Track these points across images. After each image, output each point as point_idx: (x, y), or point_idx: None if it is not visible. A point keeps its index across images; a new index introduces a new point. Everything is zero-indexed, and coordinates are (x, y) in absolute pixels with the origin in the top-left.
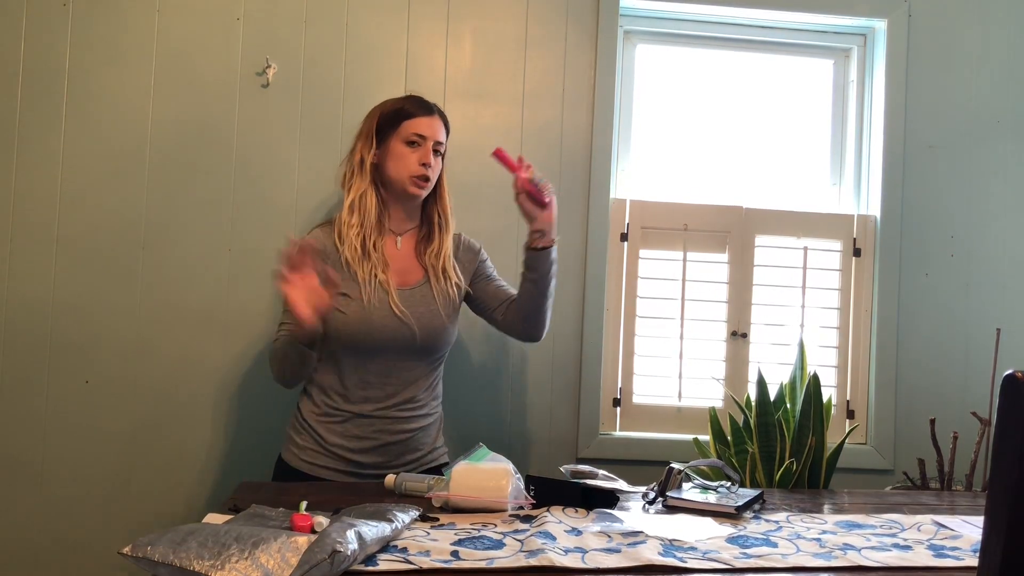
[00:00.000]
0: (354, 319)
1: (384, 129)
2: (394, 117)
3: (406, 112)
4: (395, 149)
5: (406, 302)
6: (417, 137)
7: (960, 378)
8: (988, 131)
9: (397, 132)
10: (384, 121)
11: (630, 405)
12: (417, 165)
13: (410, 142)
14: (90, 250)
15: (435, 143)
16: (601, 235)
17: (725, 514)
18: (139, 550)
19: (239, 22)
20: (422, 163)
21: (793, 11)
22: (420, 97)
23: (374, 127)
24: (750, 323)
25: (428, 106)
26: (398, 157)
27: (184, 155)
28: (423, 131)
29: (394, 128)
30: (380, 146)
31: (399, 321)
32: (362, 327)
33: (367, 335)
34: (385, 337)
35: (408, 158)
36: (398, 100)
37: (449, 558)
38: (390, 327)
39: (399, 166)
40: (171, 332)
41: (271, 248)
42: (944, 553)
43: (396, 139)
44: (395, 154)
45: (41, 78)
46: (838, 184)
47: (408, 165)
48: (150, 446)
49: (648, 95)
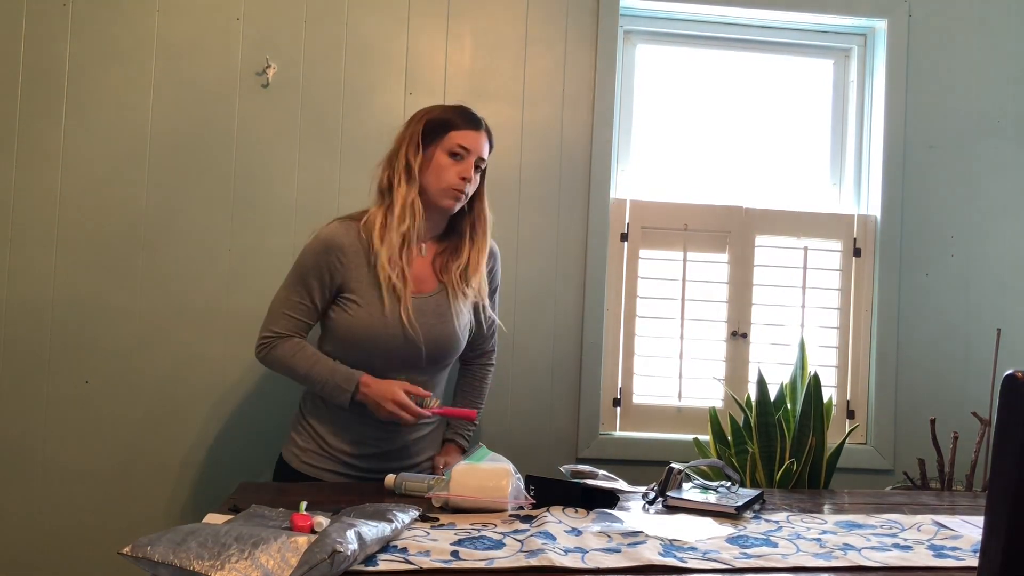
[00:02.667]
0: (362, 323)
1: (429, 136)
2: (441, 126)
3: (453, 123)
4: (437, 159)
5: (418, 310)
6: (461, 150)
7: (960, 378)
8: (988, 131)
9: (441, 142)
10: (429, 128)
11: (630, 405)
12: (457, 178)
13: (453, 154)
14: (90, 250)
15: (478, 158)
16: (601, 235)
17: (725, 514)
18: (139, 550)
19: (239, 22)
20: (462, 176)
21: (793, 11)
22: (470, 110)
23: (420, 132)
24: (750, 323)
25: (476, 120)
26: (439, 167)
27: (184, 155)
28: (468, 144)
29: (439, 137)
30: (425, 150)
31: (407, 333)
32: (368, 332)
33: (372, 341)
34: (391, 346)
35: (449, 170)
36: (447, 109)
37: (449, 558)
38: (397, 337)
39: (438, 176)
40: (171, 332)
41: (271, 248)
42: (944, 553)
43: (439, 149)
44: (436, 164)
45: (41, 78)
46: (838, 184)
47: (448, 177)
48: (150, 446)
49: (648, 95)
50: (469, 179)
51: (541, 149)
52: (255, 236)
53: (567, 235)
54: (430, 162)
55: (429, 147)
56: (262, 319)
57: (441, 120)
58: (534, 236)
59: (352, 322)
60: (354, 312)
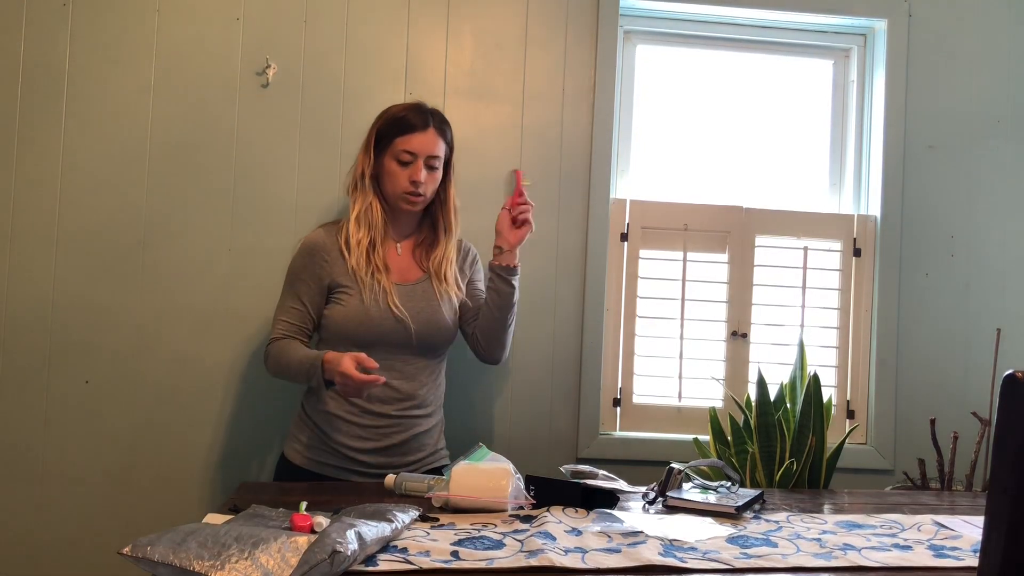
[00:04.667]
0: (352, 312)
1: (380, 143)
2: (388, 132)
3: (398, 128)
4: (388, 166)
5: (404, 297)
6: (407, 155)
7: (960, 378)
8: (988, 131)
9: (389, 149)
10: (380, 135)
11: (630, 405)
12: (407, 183)
13: (401, 161)
14: (90, 250)
15: (428, 158)
16: (601, 235)
17: (725, 514)
18: (139, 550)
19: (239, 22)
20: (412, 180)
21: (793, 11)
22: (419, 107)
23: (372, 139)
24: (750, 323)
25: (424, 120)
26: (390, 174)
27: (184, 155)
28: (414, 148)
29: (386, 145)
30: (376, 159)
31: (396, 316)
32: (360, 320)
33: (365, 328)
34: (383, 331)
35: (399, 176)
36: (398, 111)
37: (449, 558)
38: (388, 321)
39: (392, 183)
40: (171, 332)
41: (271, 248)
42: (944, 553)
43: (388, 156)
44: (387, 171)
45: (41, 78)
46: (838, 184)
47: (400, 183)
48: (150, 446)
49: (648, 95)
50: (419, 182)
51: (541, 149)
52: (255, 236)
53: (567, 235)
54: (383, 171)
55: (380, 156)
56: (262, 319)
57: (387, 128)
58: (534, 236)
59: (345, 312)
60: (345, 302)
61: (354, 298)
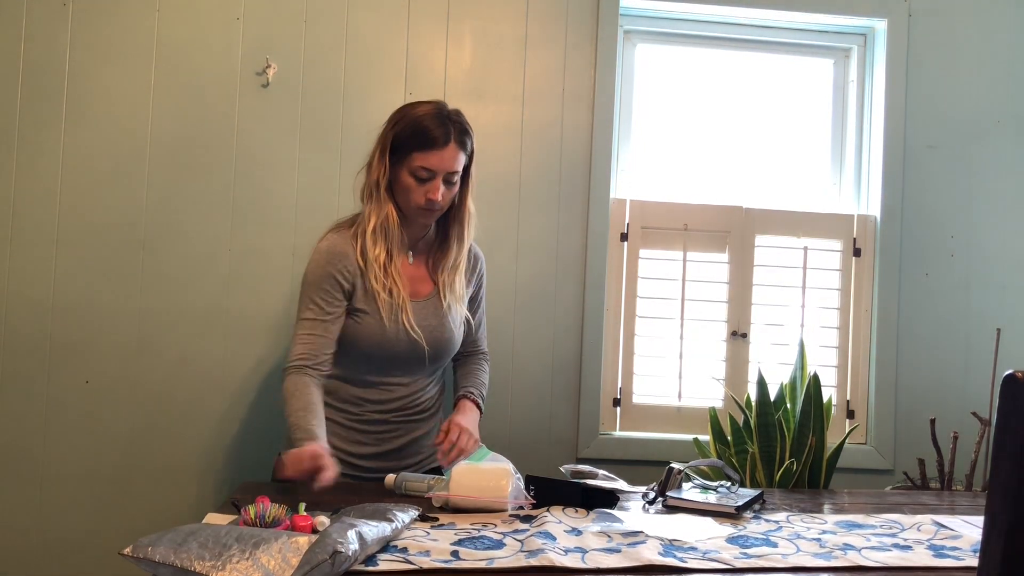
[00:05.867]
0: (369, 332)
1: (395, 153)
2: (406, 143)
3: (417, 142)
4: (403, 180)
5: (417, 314)
6: (425, 172)
7: (960, 378)
8: (988, 131)
9: (406, 162)
10: (397, 142)
11: (630, 405)
12: (423, 199)
13: (418, 177)
14: (90, 250)
15: (447, 174)
16: (601, 235)
17: (725, 514)
18: (140, 551)
19: (239, 22)
20: (428, 199)
21: (793, 11)
22: (440, 115)
23: (388, 145)
24: (750, 323)
25: (445, 134)
26: (405, 188)
27: (184, 155)
28: (432, 166)
29: (403, 157)
30: (392, 168)
31: (411, 337)
32: (377, 341)
33: (380, 348)
34: (397, 351)
35: (415, 191)
36: (418, 119)
37: (449, 558)
38: (403, 342)
39: (406, 197)
40: (171, 332)
41: (271, 248)
42: (944, 553)
43: (404, 169)
44: (402, 184)
45: (41, 78)
46: (838, 184)
47: (414, 198)
48: (150, 446)
49: (648, 95)
50: (437, 200)
51: (541, 149)
52: (255, 236)
53: (567, 235)
54: (398, 181)
55: (395, 166)
56: (262, 319)
57: (405, 138)
58: (534, 236)
59: (359, 331)
60: (362, 320)
61: (371, 316)
